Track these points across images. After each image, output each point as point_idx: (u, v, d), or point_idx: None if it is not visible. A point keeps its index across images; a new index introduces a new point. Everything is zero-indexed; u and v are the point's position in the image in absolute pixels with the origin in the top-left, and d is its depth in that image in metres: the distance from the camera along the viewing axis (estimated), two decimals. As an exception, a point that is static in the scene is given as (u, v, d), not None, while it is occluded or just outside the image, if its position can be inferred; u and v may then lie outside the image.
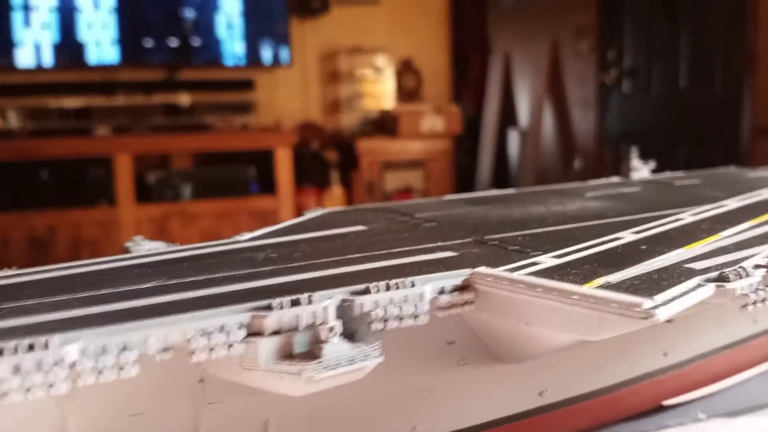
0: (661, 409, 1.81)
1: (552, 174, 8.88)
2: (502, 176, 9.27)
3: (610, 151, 8.76)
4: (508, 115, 9.31)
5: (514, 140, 9.38)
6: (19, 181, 6.97)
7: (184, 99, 7.72)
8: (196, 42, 7.71)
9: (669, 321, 1.66)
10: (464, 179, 9.07)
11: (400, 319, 1.21)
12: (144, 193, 7.28)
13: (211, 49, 7.80)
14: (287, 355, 1.14)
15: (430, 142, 8.57)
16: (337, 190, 8.32)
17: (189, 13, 7.67)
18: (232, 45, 7.85)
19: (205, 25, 7.73)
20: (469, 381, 1.44)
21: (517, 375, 1.49)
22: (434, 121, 8.55)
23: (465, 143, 9.14)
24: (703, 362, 1.86)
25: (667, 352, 1.76)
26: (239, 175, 7.72)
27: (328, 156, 8.52)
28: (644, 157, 3.07)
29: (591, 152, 8.79)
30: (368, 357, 1.14)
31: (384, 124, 8.60)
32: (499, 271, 1.30)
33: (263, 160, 7.65)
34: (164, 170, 7.58)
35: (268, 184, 7.67)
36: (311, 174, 8.22)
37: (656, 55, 8.19)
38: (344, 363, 1.12)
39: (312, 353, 1.14)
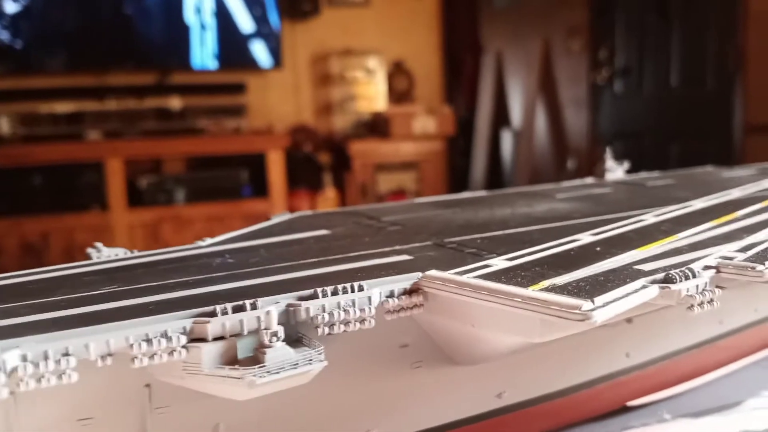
0: (625, 409, 1.81)
1: (546, 174, 8.89)
2: (495, 177, 9.28)
3: (603, 150, 8.79)
4: (501, 116, 9.32)
5: (507, 141, 9.39)
6: (11, 187, 6.99)
7: (175, 103, 7.74)
8: (186, 45, 7.73)
9: (629, 321, 1.68)
10: (458, 180, 9.08)
11: (347, 323, 1.22)
12: (136, 198, 7.29)
13: (202, 53, 7.81)
14: (231, 360, 1.15)
15: (423, 143, 8.57)
16: (330, 193, 8.33)
17: (179, 16, 7.69)
18: (224, 48, 7.86)
19: (196, 28, 7.74)
20: (424, 384, 1.45)
21: (473, 377, 1.50)
22: (426, 122, 8.56)
23: (458, 144, 9.15)
24: (668, 363, 1.86)
25: (630, 352, 1.77)
26: (232, 179, 7.74)
27: (321, 158, 8.53)
28: (637, 156, 3.07)
29: (584, 152, 8.80)
30: (312, 361, 1.15)
31: (376, 126, 8.61)
32: (448, 274, 1.31)
33: (255, 164, 7.66)
34: (156, 174, 7.59)
35: (260, 188, 7.68)
36: (304, 177, 8.23)
37: (648, 54, 8.20)
38: (287, 368, 1.13)
39: (255, 358, 1.15)
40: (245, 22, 7.90)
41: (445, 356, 1.45)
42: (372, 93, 8.73)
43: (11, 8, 7.05)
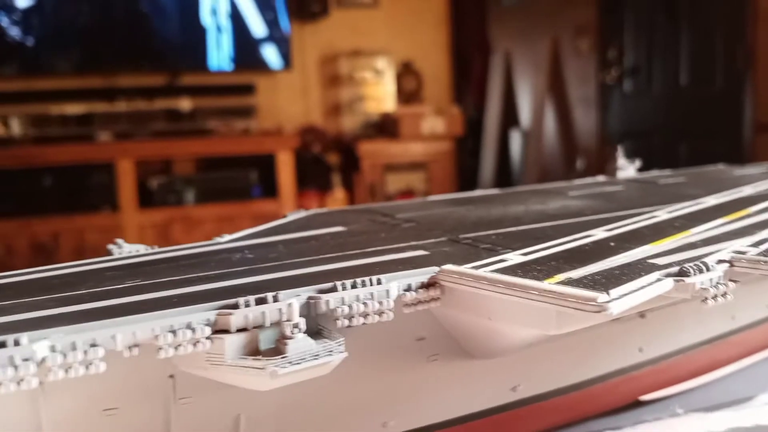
0: (638, 404, 1.83)
1: (555, 174, 8.88)
2: (504, 177, 9.28)
3: (613, 149, 8.77)
4: (509, 116, 9.32)
5: (516, 141, 9.39)
6: (22, 188, 7.05)
7: (185, 104, 7.79)
8: (196, 47, 7.78)
9: (642, 316, 1.70)
10: (467, 181, 9.09)
11: (366, 315, 1.24)
12: (147, 199, 7.34)
13: (212, 54, 7.86)
14: (253, 351, 1.17)
15: (432, 143, 8.60)
16: (338, 193, 8.36)
17: (189, 18, 7.74)
18: (233, 49, 7.91)
19: (205, 29, 7.79)
20: (440, 376, 1.47)
21: (489, 370, 1.52)
22: (435, 122, 8.58)
23: (467, 144, 9.16)
24: (681, 358, 1.88)
25: (643, 347, 1.79)
26: (241, 180, 7.78)
27: (330, 159, 8.57)
28: (647, 155, 3.08)
29: (593, 152, 8.79)
30: (332, 352, 1.17)
31: (385, 127, 8.63)
32: (464, 268, 1.33)
33: (265, 164, 7.71)
34: (166, 175, 7.65)
35: (270, 188, 7.72)
36: (313, 177, 8.27)
37: (657, 53, 8.19)
38: (308, 358, 1.15)
39: (277, 349, 1.17)
40: (255, 24, 7.95)
41: (461, 350, 1.47)
42: (381, 93, 8.76)
43: (21, 9, 7.12)
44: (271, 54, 8.04)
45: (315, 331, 1.24)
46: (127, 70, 7.64)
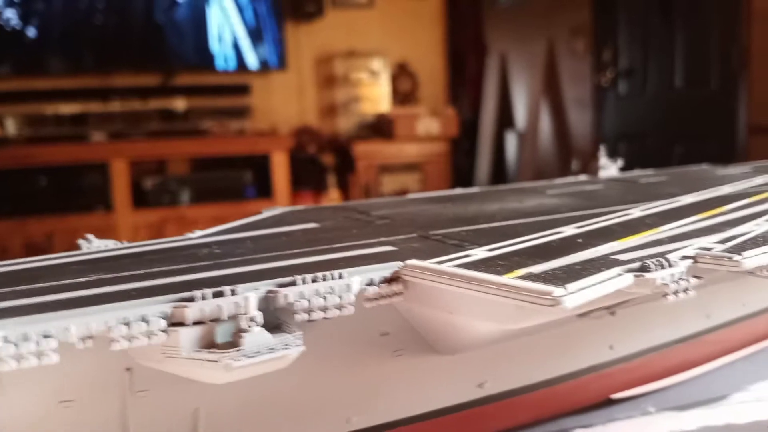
0: (609, 402, 1.83)
1: (550, 175, 8.85)
2: (499, 178, 9.28)
3: (602, 149, 8.76)
4: (505, 117, 9.32)
5: (511, 142, 9.39)
6: (16, 187, 7.05)
7: (179, 104, 7.79)
8: (190, 47, 7.79)
9: (612, 314, 1.69)
10: (462, 182, 9.07)
11: (326, 310, 1.24)
12: (141, 199, 7.34)
13: (207, 54, 7.86)
14: (210, 344, 1.17)
15: (427, 145, 8.59)
16: (333, 194, 8.36)
17: (184, 17, 7.75)
18: (228, 49, 7.92)
19: (200, 29, 7.80)
20: (405, 372, 1.46)
21: (454, 366, 1.51)
22: (430, 123, 8.58)
23: (462, 145, 9.16)
24: (654, 356, 1.87)
25: (614, 345, 1.78)
26: (236, 180, 7.78)
27: (325, 160, 8.56)
28: (641, 157, 3.08)
29: (588, 153, 8.78)
30: (289, 346, 1.17)
31: (380, 128, 8.63)
32: (426, 263, 1.33)
33: (259, 165, 7.71)
34: (161, 175, 7.64)
35: (264, 189, 7.72)
36: (307, 178, 8.27)
37: (651, 54, 8.19)
38: (264, 352, 1.15)
39: (234, 343, 1.17)
40: (250, 24, 7.95)
41: (427, 345, 1.47)
42: (376, 94, 8.76)
43: (15, 9, 7.12)
44: (266, 54, 8.05)
45: (274, 326, 1.23)
46: (122, 70, 7.64)
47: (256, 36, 7.99)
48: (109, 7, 7.54)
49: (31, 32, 7.23)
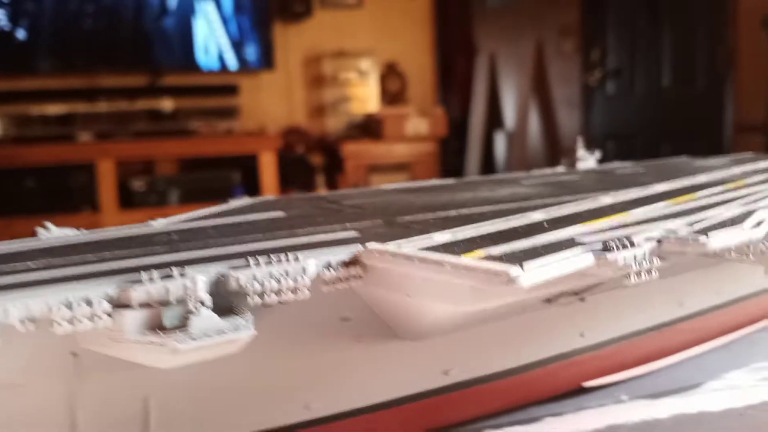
0: (581, 390, 1.80)
1: (539, 175, 8.86)
2: (489, 178, 9.26)
3: (594, 147, 8.77)
4: (494, 117, 9.32)
5: (500, 142, 9.38)
6: (2, 187, 6.99)
7: (167, 104, 7.75)
8: (178, 46, 7.75)
9: (582, 300, 1.67)
10: (451, 182, 9.06)
11: (279, 293, 1.21)
12: (128, 199, 7.29)
13: (194, 54, 7.82)
14: (158, 328, 1.14)
15: (416, 145, 8.57)
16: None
17: (171, 17, 7.72)
18: (216, 49, 7.88)
19: (187, 30, 7.76)
20: (366, 358, 1.43)
21: (419, 352, 1.49)
22: (419, 123, 8.56)
23: (451, 145, 9.14)
24: (626, 344, 1.85)
25: (584, 332, 1.76)
26: (224, 180, 7.74)
27: (314, 160, 8.53)
28: (630, 156, 3.07)
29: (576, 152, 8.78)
30: (239, 329, 1.14)
31: (369, 128, 8.61)
32: (385, 245, 1.31)
33: (248, 165, 7.67)
34: (148, 176, 7.59)
35: (252, 189, 7.66)
36: (296, 178, 8.23)
37: (639, 54, 8.21)
38: (212, 335, 1.12)
39: (181, 326, 1.14)
40: (238, 24, 7.92)
41: (389, 331, 1.44)
42: (365, 94, 8.73)
43: (2, 11, 7.08)
44: (254, 54, 8.02)
45: (226, 310, 1.20)
46: (109, 70, 7.59)
47: (244, 36, 7.96)
48: (98, 7, 7.49)
49: (20, 33, 7.18)
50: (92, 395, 1.20)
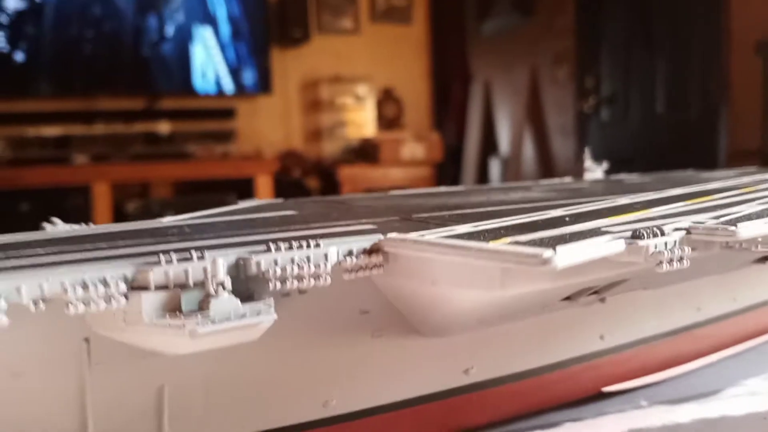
0: (601, 395, 1.75)
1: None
2: (485, 204, 9.26)
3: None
4: (489, 143, 9.36)
5: (495, 168, 9.41)
6: (-3, 209, 6.92)
7: (164, 127, 7.74)
8: (176, 70, 7.77)
9: (602, 301, 1.63)
10: (447, 207, 9.05)
11: (301, 279, 1.17)
12: (122, 222, 7.22)
13: (192, 78, 7.84)
14: (175, 312, 1.09)
15: (411, 169, 8.58)
16: (318, 218, 8.28)
17: (169, 43, 7.75)
18: (213, 74, 7.91)
19: (186, 54, 7.79)
20: (386, 354, 1.38)
21: (439, 350, 1.44)
22: (415, 148, 8.58)
23: (447, 170, 9.16)
24: (644, 348, 1.81)
25: (604, 335, 1.72)
26: (219, 204, 7.62)
27: (310, 183, 8.52)
28: None
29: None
30: (260, 313, 1.09)
31: (365, 152, 8.62)
32: (408, 234, 1.27)
33: (244, 188, 7.62)
34: (143, 199, 7.54)
35: (248, 212, 7.63)
36: (292, 202, 8.20)
37: (633, 81, 8.29)
38: (233, 318, 1.07)
39: (200, 310, 1.09)
40: (236, 49, 7.97)
41: (409, 326, 1.39)
42: (361, 119, 8.77)
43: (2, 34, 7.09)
44: (251, 79, 8.05)
45: (246, 296, 1.16)
46: (106, 92, 7.59)
47: (241, 61, 8.00)
48: (97, 32, 7.52)
49: (18, 56, 7.18)
50: (103, 382, 1.15)
